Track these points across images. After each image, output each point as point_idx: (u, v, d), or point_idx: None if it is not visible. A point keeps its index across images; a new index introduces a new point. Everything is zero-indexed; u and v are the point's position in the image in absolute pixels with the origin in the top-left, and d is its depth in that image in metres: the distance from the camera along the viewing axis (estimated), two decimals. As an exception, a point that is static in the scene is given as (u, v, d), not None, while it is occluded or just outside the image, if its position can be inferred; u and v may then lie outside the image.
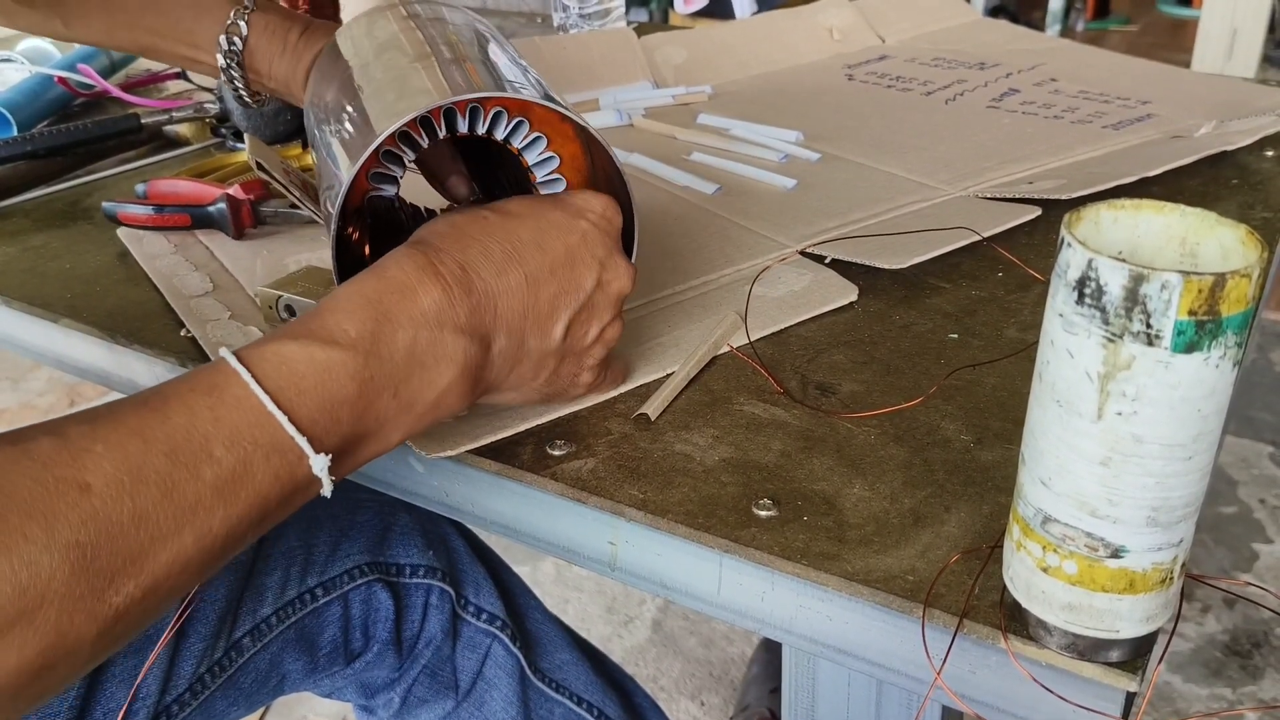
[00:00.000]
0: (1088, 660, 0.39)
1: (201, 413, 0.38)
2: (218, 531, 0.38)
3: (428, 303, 0.44)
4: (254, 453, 0.39)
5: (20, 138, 0.89)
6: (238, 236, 0.76)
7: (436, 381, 0.45)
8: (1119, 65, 1.09)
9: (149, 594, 0.36)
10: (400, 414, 0.44)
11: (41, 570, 0.33)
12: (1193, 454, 0.34)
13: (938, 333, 0.61)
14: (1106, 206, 0.36)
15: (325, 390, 0.41)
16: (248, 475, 0.39)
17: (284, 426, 0.39)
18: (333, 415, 0.41)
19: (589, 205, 0.52)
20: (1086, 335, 0.33)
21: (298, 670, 0.77)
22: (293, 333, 0.42)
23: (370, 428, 0.43)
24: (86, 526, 0.34)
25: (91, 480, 0.35)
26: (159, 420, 0.37)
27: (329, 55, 0.60)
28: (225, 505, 0.38)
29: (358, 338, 0.42)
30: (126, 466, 0.36)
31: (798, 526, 0.46)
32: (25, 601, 0.33)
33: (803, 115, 0.97)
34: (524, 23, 1.44)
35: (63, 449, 0.35)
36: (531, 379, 0.50)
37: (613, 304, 0.52)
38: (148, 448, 0.37)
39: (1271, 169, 0.82)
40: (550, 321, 0.49)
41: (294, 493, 0.41)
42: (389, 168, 0.52)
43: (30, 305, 0.69)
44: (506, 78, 0.53)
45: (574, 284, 0.50)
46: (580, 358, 0.52)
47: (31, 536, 0.33)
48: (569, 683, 0.88)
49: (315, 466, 0.40)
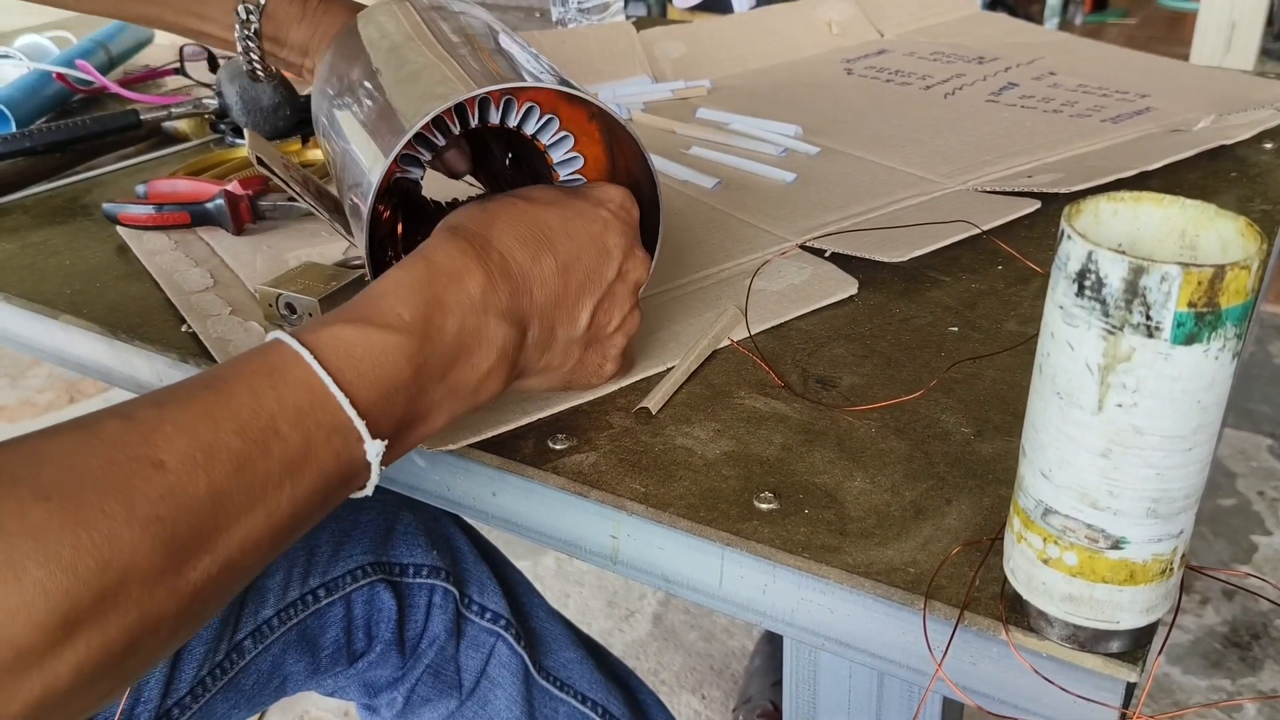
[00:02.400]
0: (1088, 651, 0.39)
1: (265, 393, 0.38)
2: (285, 509, 0.38)
3: (474, 288, 0.45)
4: (316, 433, 0.39)
5: (19, 134, 0.89)
6: (237, 232, 0.76)
7: (480, 365, 0.46)
8: (1118, 59, 1.09)
9: (224, 571, 0.36)
10: (447, 398, 0.45)
11: (123, 546, 0.33)
12: (1192, 445, 0.34)
13: (938, 326, 0.61)
14: (1106, 199, 0.36)
15: (382, 373, 0.42)
16: (312, 454, 0.39)
17: (344, 408, 0.40)
18: (388, 399, 0.42)
19: (608, 196, 0.53)
20: (1087, 327, 0.33)
21: (300, 671, 0.77)
22: (348, 316, 0.43)
23: (420, 412, 0.44)
24: (164, 502, 0.34)
25: (165, 458, 0.35)
26: (224, 401, 0.38)
27: (349, 38, 0.60)
28: (293, 483, 0.38)
29: (412, 321, 0.43)
30: (198, 444, 0.36)
31: (799, 519, 0.46)
32: (108, 578, 0.32)
33: (802, 109, 0.97)
34: (523, 17, 1.44)
35: (132, 429, 0.35)
36: (559, 365, 0.52)
37: (631, 293, 0.53)
38: (217, 426, 0.37)
39: (1270, 162, 0.82)
40: (577, 309, 0.50)
41: (352, 475, 0.41)
42: (419, 151, 0.53)
43: (30, 302, 0.69)
44: (540, 72, 0.53)
45: (598, 272, 0.51)
46: (604, 346, 0.53)
47: (110, 512, 0.33)
48: (573, 681, 0.89)
49: (370, 452, 0.41)
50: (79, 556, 0.32)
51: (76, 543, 0.32)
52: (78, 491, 0.33)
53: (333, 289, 0.63)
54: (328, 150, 0.60)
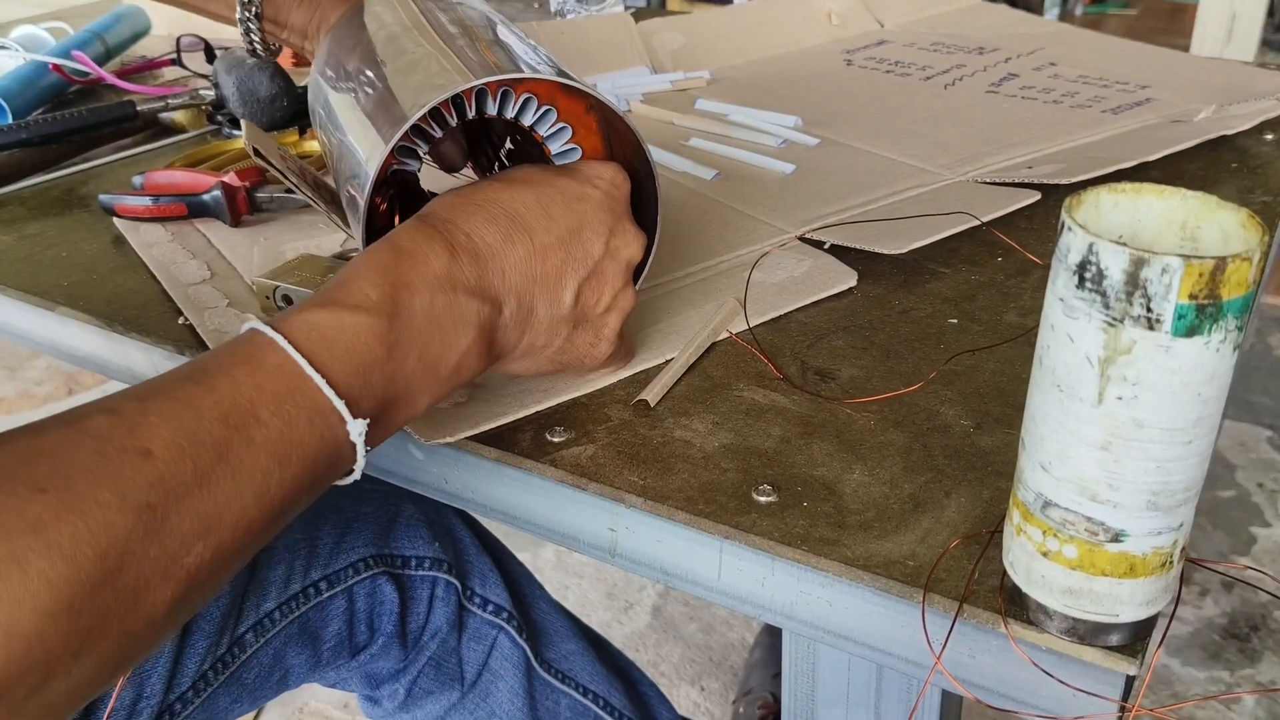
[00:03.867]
0: (1087, 644, 0.39)
1: (243, 380, 0.39)
2: (275, 493, 0.39)
3: (437, 266, 0.46)
4: (297, 416, 0.40)
5: (15, 125, 0.89)
6: (234, 224, 0.76)
7: (456, 344, 0.46)
8: (1118, 49, 1.09)
9: (217, 555, 0.37)
10: (426, 377, 0.45)
11: (118, 534, 0.34)
12: (1193, 438, 0.34)
13: (937, 318, 0.61)
14: (1107, 190, 0.36)
15: (355, 353, 0.42)
16: (295, 438, 0.40)
17: (322, 389, 0.40)
18: (365, 378, 0.42)
19: (598, 173, 0.53)
20: (1087, 319, 0.33)
21: (301, 664, 0.77)
22: (318, 301, 0.43)
23: (399, 392, 0.44)
24: (154, 489, 0.35)
25: (152, 446, 0.36)
26: (205, 391, 0.38)
27: (347, 28, 0.60)
28: (280, 467, 0.39)
29: (379, 301, 0.44)
30: (183, 432, 0.37)
31: (798, 512, 0.46)
32: (106, 564, 0.33)
33: (801, 100, 0.97)
34: (521, 7, 1.43)
35: (118, 422, 0.36)
36: (545, 346, 0.51)
37: (623, 271, 0.53)
38: (199, 415, 0.37)
39: (1271, 152, 0.82)
40: (559, 287, 0.50)
41: (338, 458, 0.42)
42: (416, 143, 0.52)
43: (27, 294, 0.69)
44: (538, 64, 0.53)
45: (582, 250, 0.51)
46: (596, 326, 0.53)
47: (103, 501, 0.34)
48: (574, 673, 0.89)
49: (353, 432, 0.41)
50: (77, 545, 0.33)
51: (74, 532, 0.33)
52: (71, 483, 0.33)
53: (329, 281, 0.62)
54: (325, 141, 0.59)
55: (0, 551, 0.31)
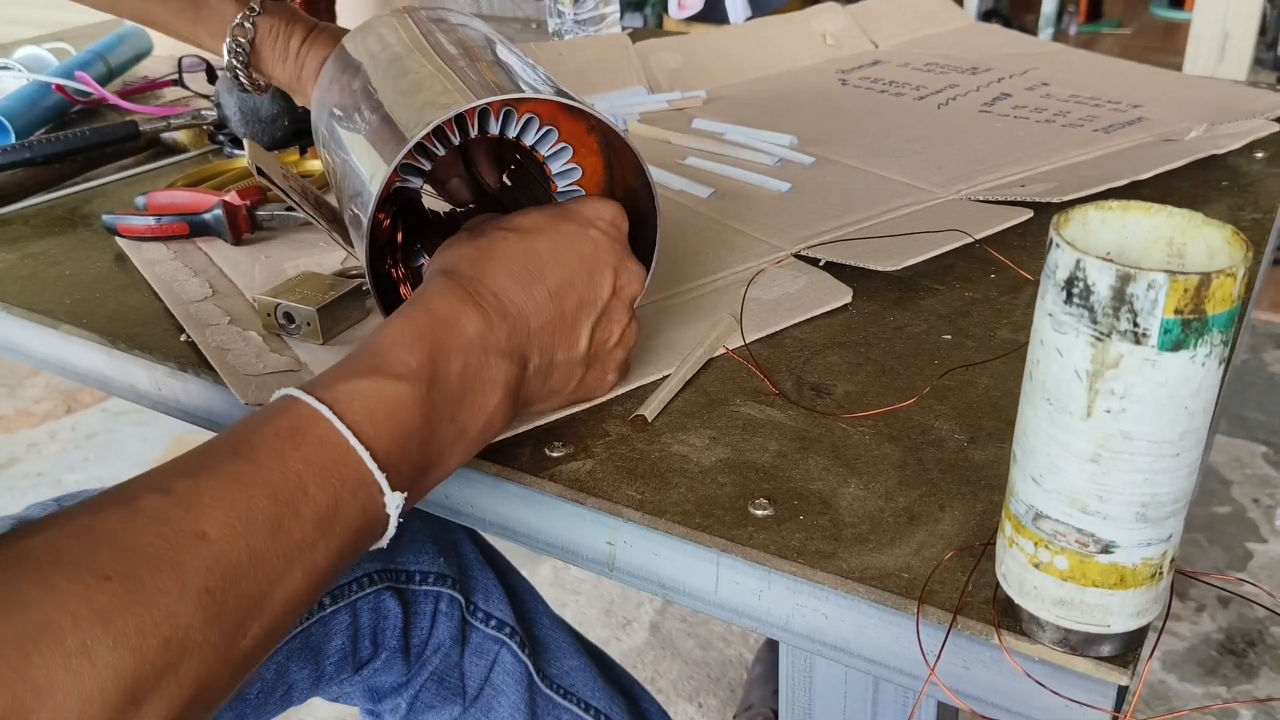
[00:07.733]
0: (1080, 655, 0.39)
1: (290, 455, 0.40)
2: (321, 565, 0.39)
3: (472, 330, 0.46)
4: (342, 489, 0.40)
5: (18, 145, 0.90)
6: (235, 242, 0.77)
7: (485, 405, 0.47)
8: (1110, 69, 1.10)
9: (270, 634, 0.38)
10: (457, 440, 0.46)
11: (180, 621, 0.34)
12: (1180, 450, 0.35)
13: (931, 334, 0.62)
14: (1095, 208, 0.36)
15: (396, 422, 0.43)
16: (340, 510, 0.40)
17: (365, 461, 0.41)
18: (404, 447, 0.43)
19: (598, 214, 0.54)
20: (1075, 334, 0.34)
21: (305, 680, 0.77)
22: (358, 369, 0.44)
23: (434, 457, 0.45)
24: (212, 572, 0.35)
25: (207, 529, 0.36)
26: (253, 468, 0.39)
27: (347, 55, 0.61)
28: (326, 540, 0.39)
29: (419, 368, 0.44)
30: (236, 512, 0.37)
31: (794, 525, 0.47)
32: (169, 655, 0.34)
33: (797, 119, 0.98)
34: (519, 28, 1.45)
35: (173, 504, 0.36)
36: (563, 388, 0.53)
37: (627, 307, 0.54)
38: (250, 493, 0.38)
39: (1261, 171, 0.83)
40: (575, 332, 0.51)
41: (375, 528, 0.42)
42: (419, 161, 0.53)
43: (31, 312, 0.69)
44: (539, 84, 0.54)
45: (592, 293, 0.52)
46: (604, 362, 0.54)
47: (165, 588, 0.34)
48: (576, 689, 0.89)
49: (389, 504, 0.42)
50: (143, 638, 0.33)
51: (140, 625, 0.33)
52: (134, 570, 0.34)
53: (330, 298, 0.63)
54: (328, 160, 0.60)
55: (71, 643, 0.31)
